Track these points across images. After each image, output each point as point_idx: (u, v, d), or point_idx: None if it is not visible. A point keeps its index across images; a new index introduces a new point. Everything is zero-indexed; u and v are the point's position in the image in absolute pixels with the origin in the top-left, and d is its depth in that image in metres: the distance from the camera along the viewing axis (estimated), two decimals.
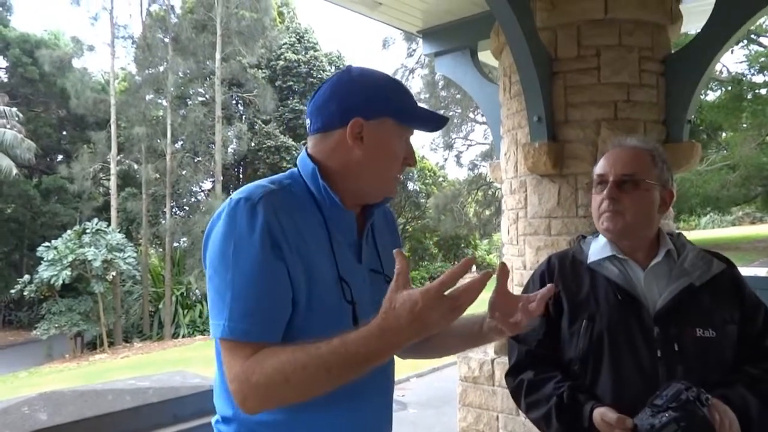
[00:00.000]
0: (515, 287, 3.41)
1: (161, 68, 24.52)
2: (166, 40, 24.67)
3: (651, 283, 1.51)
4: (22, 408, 1.50)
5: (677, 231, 1.68)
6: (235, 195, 1.12)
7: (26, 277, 20.04)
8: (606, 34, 3.28)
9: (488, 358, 3.69)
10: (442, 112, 26.83)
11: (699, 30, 3.33)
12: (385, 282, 1.26)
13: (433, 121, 1.27)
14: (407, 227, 38.52)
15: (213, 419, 1.22)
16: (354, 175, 1.20)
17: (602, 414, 1.36)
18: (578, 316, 1.53)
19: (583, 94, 3.31)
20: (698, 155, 3.42)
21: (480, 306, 1.18)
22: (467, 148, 29.93)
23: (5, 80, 27.45)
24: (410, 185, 36.29)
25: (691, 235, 1.68)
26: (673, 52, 3.43)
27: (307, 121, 1.24)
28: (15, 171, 22.82)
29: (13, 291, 20.52)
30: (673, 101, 3.35)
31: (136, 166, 25.25)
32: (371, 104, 1.19)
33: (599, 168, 1.59)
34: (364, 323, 0.98)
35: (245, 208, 1.09)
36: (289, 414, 1.12)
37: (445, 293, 0.93)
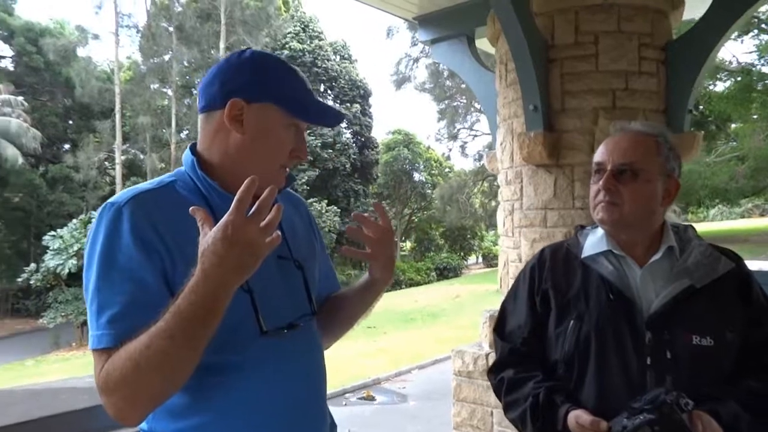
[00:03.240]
0: (510, 280, 3.33)
1: (166, 57, 24.53)
2: (171, 29, 24.64)
3: (647, 283, 1.41)
4: None
5: (686, 224, 1.56)
6: (108, 201, 1.10)
7: (32, 265, 20.17)
8: (605, 19, 3.17)
9: (483, 353, 3.62)
10: (446, 102, 26.72)
11: (701, 16, 3.22)
12: (295, 267, 1.23)
13: (327, 116, 1.22)
14: (413, 218, 38.49)
15: None
16: (235, 163, 1.15)
17: (577, 416, 1.28)
18: (566, 316, 1.44)
19: (581, 82, 3.21)
20: (699, 145, 3.32)
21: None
22: (473, 139, 29.81)
23: (11, 69, 27.50)
24: (416, 176, 36.25)
25: (699, 228, 1.56)
26: (674, 39, 3.32)
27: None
28: (21, 160, 22.93)
29: (20, 279, 20.68)
30: (674, 90, 3.24)
31: (141, 156, 25.31)
32: (255, 87, 1.14)
33: (597, 155, 1.47)
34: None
35: (110, 213, 1.05)
36: (203, 418, 1.07)
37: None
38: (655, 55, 3.22)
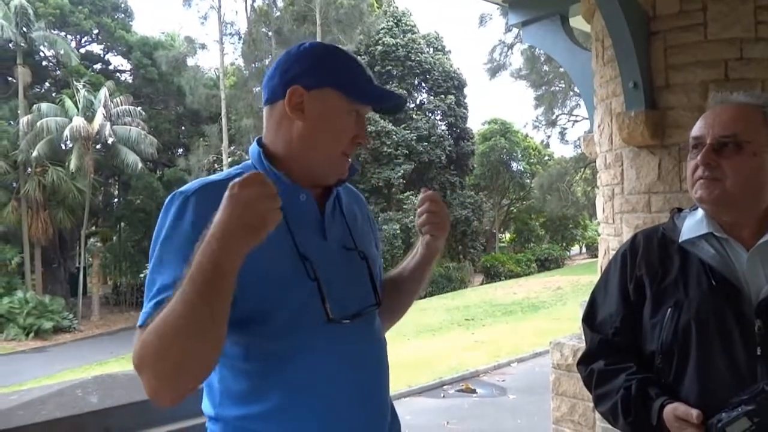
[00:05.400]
0: None
1: (266, 61, 25.55)
2: (270, 33, 25.63)
3: (756, 267, 1.27)
4: (76, 390, 1.58)
5: None
6: (177, 190, 1.13)
7: None
8: None
9: (582, 345, 3.46)
10: (544, 88, 25.78)
11: None
12: (360, 258, 1.23)
13: (386, 100, 1.23)
14: (512, 209, 37.64)
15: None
16: (298, 152, 1.16)
17: (675, 408, 1.18)
18: (663, 304, 1.33)
19: (687, 54, 2.96)
20: None
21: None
22: (573, 125, 28.56)
23: (129, 82, 29.90)
24: (514, 165, 35.41)
25: None
26: None
27: None
28: (140, 165, 24.86)
29: (142, 275, 22.49)
30: None
31: (246, 156, 26.53)
32: (312, 72, 1.15)
33: (695, 129, 1.35)
34: None
35: (178, 201, 1.08)
36: (269, 403, 1.08)
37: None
38: None
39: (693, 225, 1.36)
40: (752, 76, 2.91)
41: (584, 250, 41.37)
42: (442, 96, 30.20)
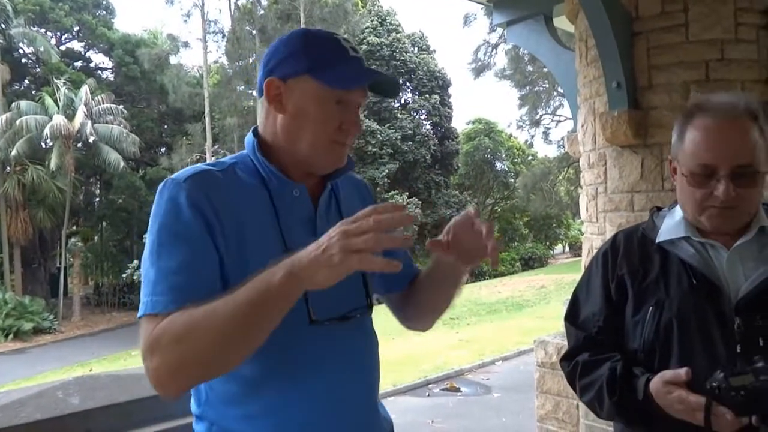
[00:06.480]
0: None
1: (250, 60, 25.42)
2: (254, 32, 25.48)
3: (735, 266, 1.28)
4: (57, 392, 1.55)
5: None
6: (169, 177, 1.11)
7: (135, 262, 21.64)
8: None
9: (565, 343, 3.49)
10: (527, 88, 25.91)
11: None
12: None
13: (364, 80, 1.13)
14: (496, 208, 37.81)
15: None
16: (285, 143, 1.13)
17: (662, 375, 1.20)
18: (644, 303, 1.34)
19: (669, 54, 3.00)
20: None
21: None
22: (556, 125, 28.77)
23: (111, 80, 29.54)
24: (498, 165, 35.57)
25: None
26: None
27: None
28: (122, 164, 24.58)
29: (124, 275, 22.28)
30: None
31: (230, 155, 26.44)
32: (288, 62, 1.10)
33: (704, 155, 1.25)
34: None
35: (171, 187, 1.06)
36: (254, 404, 1.07)
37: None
38: (754, 20, 2.96)
39: (672, 227, 1.37)
40: (732, 77, 2.95)
41: (567, 249, 41.75)
42: (427, 95, 30.25)
